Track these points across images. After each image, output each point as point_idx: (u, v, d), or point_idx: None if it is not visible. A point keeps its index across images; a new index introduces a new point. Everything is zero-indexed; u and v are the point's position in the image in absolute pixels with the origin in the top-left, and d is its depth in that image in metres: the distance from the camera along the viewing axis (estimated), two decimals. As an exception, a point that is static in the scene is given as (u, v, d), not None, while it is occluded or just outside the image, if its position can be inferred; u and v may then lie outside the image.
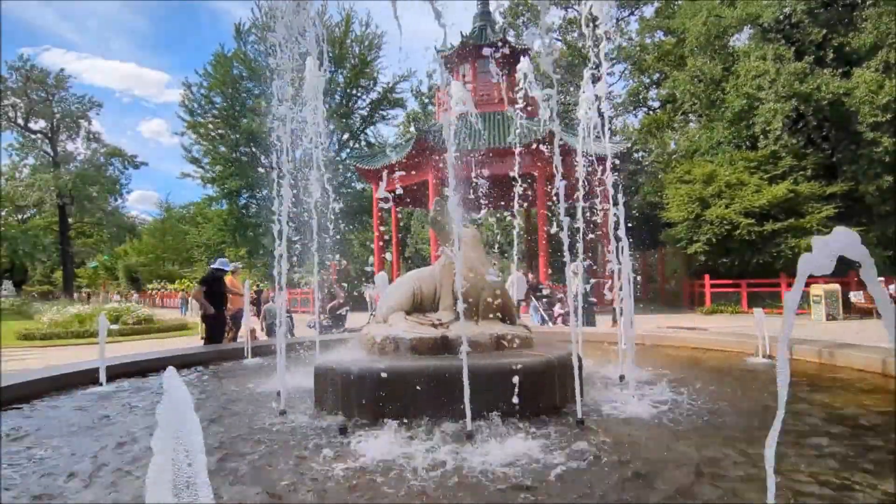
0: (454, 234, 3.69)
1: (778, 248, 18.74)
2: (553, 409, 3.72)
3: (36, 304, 29.78)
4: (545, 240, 20.23)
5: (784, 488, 2.31)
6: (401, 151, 22.02)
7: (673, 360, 6.21)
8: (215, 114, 39.34)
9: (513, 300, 4.93)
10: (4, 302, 33.41)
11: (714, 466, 2.66)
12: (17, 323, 19.57)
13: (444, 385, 3.45)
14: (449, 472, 2.63)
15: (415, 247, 40.10)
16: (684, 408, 3.82)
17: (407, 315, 4.42)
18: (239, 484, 2.56)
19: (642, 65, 33.34)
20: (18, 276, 58.39)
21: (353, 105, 40.76)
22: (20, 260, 52.74)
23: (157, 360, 6.11)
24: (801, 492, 2.33)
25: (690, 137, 25.88)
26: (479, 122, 20.52)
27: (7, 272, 52.81)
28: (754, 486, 2.37)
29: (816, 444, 2.98)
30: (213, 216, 44.05)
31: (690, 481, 2.48)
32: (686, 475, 2.56)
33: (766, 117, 20.19)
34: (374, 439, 3.13)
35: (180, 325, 18.73)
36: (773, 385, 4.29)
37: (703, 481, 2.47)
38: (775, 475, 1.42)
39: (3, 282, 46.35)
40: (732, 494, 2.32)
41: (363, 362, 3.82)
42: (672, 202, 21.65)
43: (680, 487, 2.41)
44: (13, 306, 31.57)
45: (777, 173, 19.90)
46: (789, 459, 2.70)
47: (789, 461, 2.68)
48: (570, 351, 3.97)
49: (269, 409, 3.99)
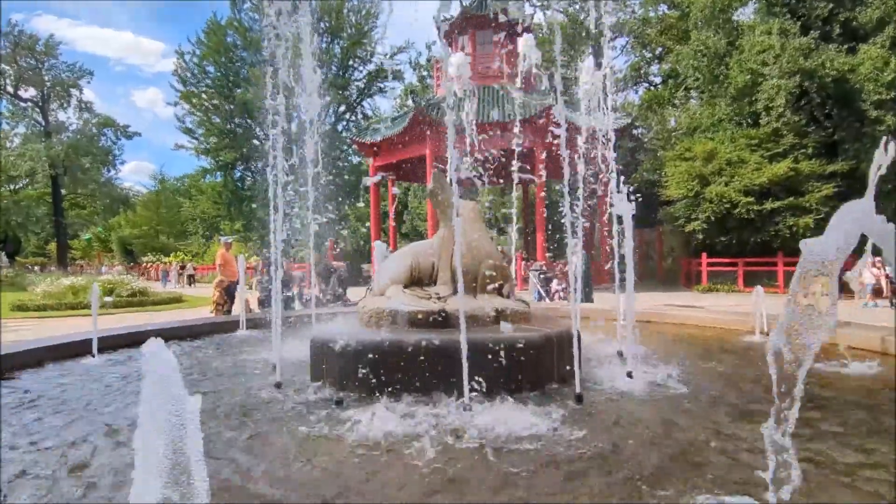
0: (452, 207, 3.58)
1: (776, 226, 18.67)
2: (551, 384, 3.68)
3: (30, 275, 29.64)
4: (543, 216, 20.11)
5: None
6: (398, 125, 21.69)
7: (672, 337, 6.19)
8: (209, 84, 38.59)
9: (512, 274, 4.86)
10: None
11: (714, 441, 2.62)
12: (11, 294, 19.45)
13: (441, 359, 3.39)
14: (446, 447, 2.58)
15: (412, 223, 39.93)
16: (683, 384, 3.79)
17: (404, 288, 4.34)
18: (235, 457, 2.50)
19: (644, 39, 32.71)
20: (12, 248, 58.02)
21: (349, 77, 40.03)
22: (13, 231, 52.34)
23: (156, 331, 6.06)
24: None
25: (691, 114, 25.55)
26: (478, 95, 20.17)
27: (1, 243, 52.44)
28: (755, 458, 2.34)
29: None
30: (208, 189, 43.62)
31: (688, 454, 2.44)
32: (683, 449, 2.52)
33: (769, 94, 19.87)
34: (371, 413, 3.08)
35: (175, 298, 18.66)
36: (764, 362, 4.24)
37: (703, 455, 2.43)
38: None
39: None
40: (735, 467, 2.27)
41: (360, 335, 3.75)
42: (671, 180, 21.47)
43: (677, 461, 2.37)
44: (7, 278, 31.42)
45: (778, 151, 19.69)
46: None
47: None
48: (568, 326, 3.92)
49: (264, 382, 3.94)
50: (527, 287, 14.23)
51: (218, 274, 10.54)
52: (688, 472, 2.26)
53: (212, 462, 2.44)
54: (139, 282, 20.26)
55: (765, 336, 5.74)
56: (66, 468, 2.40)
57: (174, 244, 49.71)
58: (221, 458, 2.47)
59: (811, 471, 2.25)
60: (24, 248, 63.80)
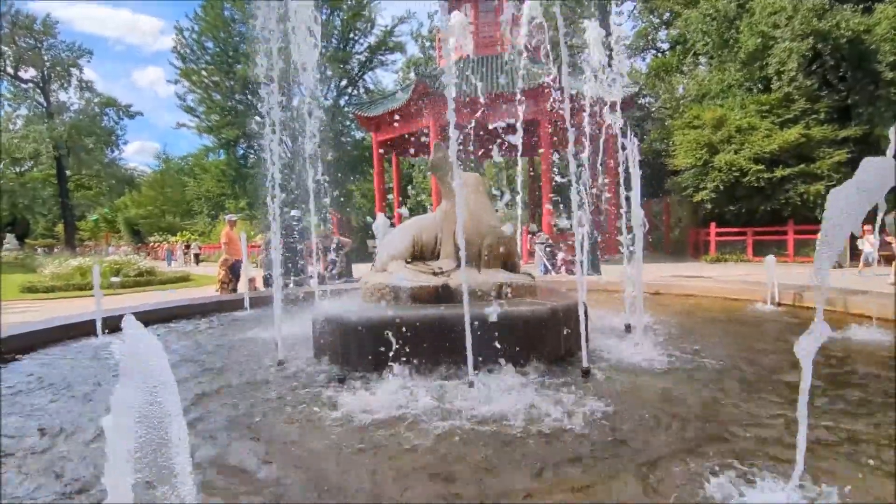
0: (455, 179, 3.45)
1: (787, 194, 18.37)
2: (558, 359, 3.60)
3: (39, 257, 29.85)
4: (549, 188, 19.88)
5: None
6: (400, 98, 21.33)
7: (681, 308, 6.09)
8: (208, 60, 38.02)
9: (517, 247, 4.75)
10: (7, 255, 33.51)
11: (729, 415, 2.54)
12: (20, 276, 19.61)
13: (445, 334, 3.32)
14: (450, 424, 2.52)
15: (416, 198, 39.69)
16: (693, 356, 3.70)
17: (407, 263, 4.25)
18: (232, 438, 2.46)
19: (652, 4, 31.77)
20: (21, 230, 58.40)
21: (350, 49, 39.29)
22: (21, 213, 52.59)
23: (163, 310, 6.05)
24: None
25: (700, 81, 24.95)
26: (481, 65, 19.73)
27: (9, 226, 52.78)
28: (774, 432, 2.26)
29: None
30: (211, 167, 43.43)
31: (702, 431, 2.36)
32: (697, 425, 2.44)
33: (780, 57, 19.32)
34: (374, 390, 3.03)
35: (183, 277, 18.74)
36: (784, 333, 4.14)
37: (718, 431, 2.35)
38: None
39: (5, 235, 46.36)
40: (756, 443, 2.20)
41: (362, 311, 3.68)
42: (679, 149, 21.10)
43: (689, 438, 2.30)
44: (17, 260, 31.69)
45: (789, 117, 19.23)
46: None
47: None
48: (575, 299, 3.82)
49: (266, 359, 3.90)
50: (532, 260, 14.13)
51: (223, 253, 10.51)
52: (712, 447, 2.19)
53: (208, 442, 2.40)
54: (146, 262, 20.34)
55: (777, 306, 5.63)
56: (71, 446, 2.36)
57: (180, 224, 49.77)
58: (217, 439, 2.42)
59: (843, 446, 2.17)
60: (34, 230, 64.22)
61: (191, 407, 2.85)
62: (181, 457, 1.20)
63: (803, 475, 1.69)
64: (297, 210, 9.96)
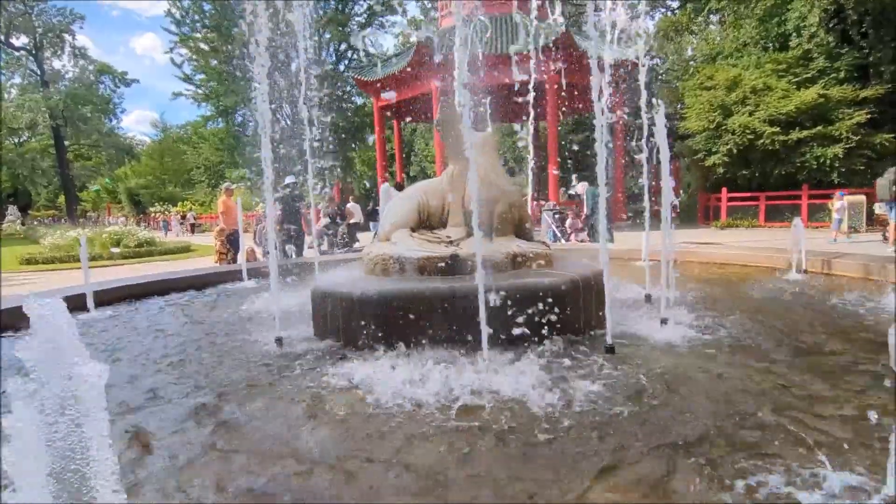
0: (463, 139, 3.07)
1: (803, 157, 17.76)
2: (579, 335, 3.32)
3: (41, 228, 29.68)
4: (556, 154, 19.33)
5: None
6: (402, 61, 20.58)
7: (700, 277, 5.78)
8: (206, 23, 36.81)
9: (530, 213, 4.42)
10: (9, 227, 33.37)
11: (766, 397, 2.26)
12: (20, 248, 19.43)
13: (456, 308, 3.03)
14: (462, 405, 2.26)
15: (419, 164, 39.02)
16: (722, 330, 3.42)
17: (412, 232, 3.93)
18: (225, 418, 2.20)
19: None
20: (24, 202, 58.12)
21: (350, 11, 37.95)
22: (21, 184, 52.21)
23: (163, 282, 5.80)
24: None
25: (712, 41, 23.96)
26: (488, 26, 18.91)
27: (10, 197, 52.52)
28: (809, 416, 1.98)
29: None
30: (210, 135, 42.73)
31: (742, 415, 2.08)
32: (737, 410, 2.16)
33: (800, 12, 18.39)
34: (378, 368, 2.77)
35: (183, 248, 18.50)
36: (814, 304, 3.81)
37: (756, 416, 2.07)
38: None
39: (7, 207, 46.17)
40: (787, 431, 1.92)
41: (365, 284, 3.39)
42: (691, 111, 20.38)
43: (725, 425, 2.02)
44: (19, 231, 31.55)
45: (807, 76, 18.42)
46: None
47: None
48: (595, 269, 3.52)
49: (264, 335, 3.64)
50: (539, 227, 13.78)
51: (220, 222, 10.21)
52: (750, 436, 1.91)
53: (203, 421, 2.16)
54: (145, 232, 20.09)
55: (804, 274, 5.31)
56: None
57: (181, 193, 49.27)
58: (210, 421, 2.16)
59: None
60: (36, 201, 63.93)
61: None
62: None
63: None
64: (291, 176, 9.58)
